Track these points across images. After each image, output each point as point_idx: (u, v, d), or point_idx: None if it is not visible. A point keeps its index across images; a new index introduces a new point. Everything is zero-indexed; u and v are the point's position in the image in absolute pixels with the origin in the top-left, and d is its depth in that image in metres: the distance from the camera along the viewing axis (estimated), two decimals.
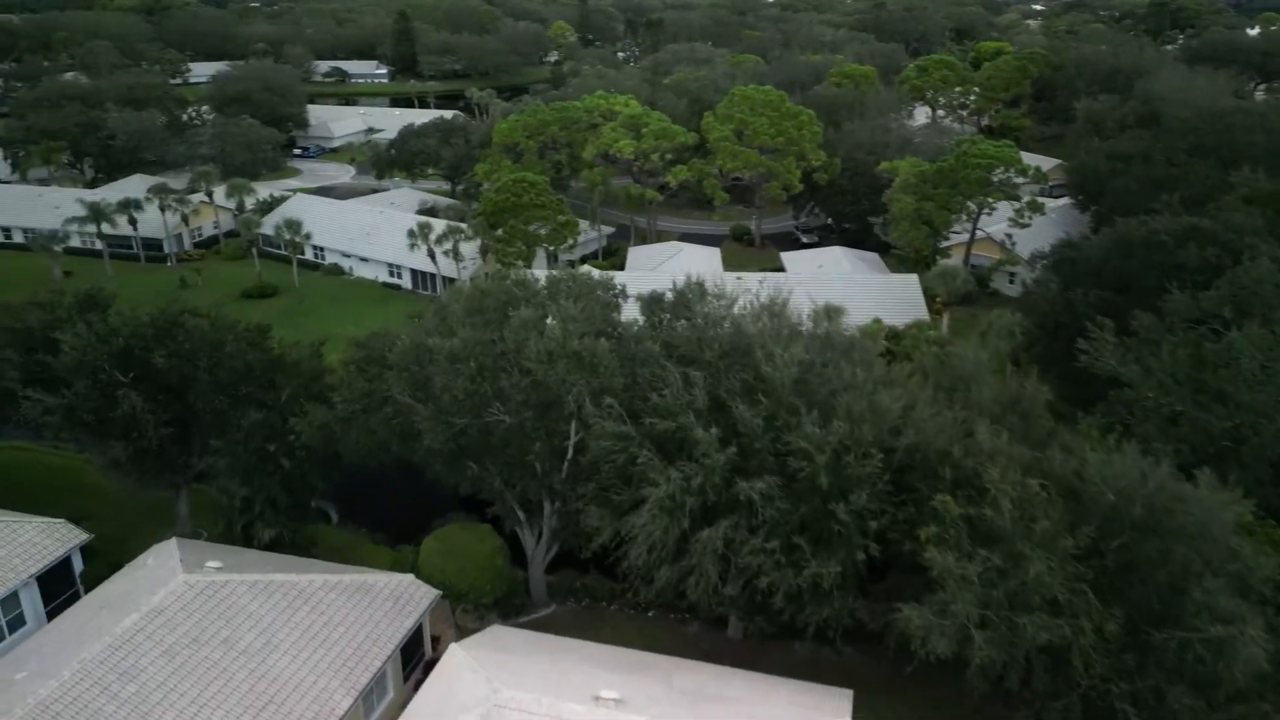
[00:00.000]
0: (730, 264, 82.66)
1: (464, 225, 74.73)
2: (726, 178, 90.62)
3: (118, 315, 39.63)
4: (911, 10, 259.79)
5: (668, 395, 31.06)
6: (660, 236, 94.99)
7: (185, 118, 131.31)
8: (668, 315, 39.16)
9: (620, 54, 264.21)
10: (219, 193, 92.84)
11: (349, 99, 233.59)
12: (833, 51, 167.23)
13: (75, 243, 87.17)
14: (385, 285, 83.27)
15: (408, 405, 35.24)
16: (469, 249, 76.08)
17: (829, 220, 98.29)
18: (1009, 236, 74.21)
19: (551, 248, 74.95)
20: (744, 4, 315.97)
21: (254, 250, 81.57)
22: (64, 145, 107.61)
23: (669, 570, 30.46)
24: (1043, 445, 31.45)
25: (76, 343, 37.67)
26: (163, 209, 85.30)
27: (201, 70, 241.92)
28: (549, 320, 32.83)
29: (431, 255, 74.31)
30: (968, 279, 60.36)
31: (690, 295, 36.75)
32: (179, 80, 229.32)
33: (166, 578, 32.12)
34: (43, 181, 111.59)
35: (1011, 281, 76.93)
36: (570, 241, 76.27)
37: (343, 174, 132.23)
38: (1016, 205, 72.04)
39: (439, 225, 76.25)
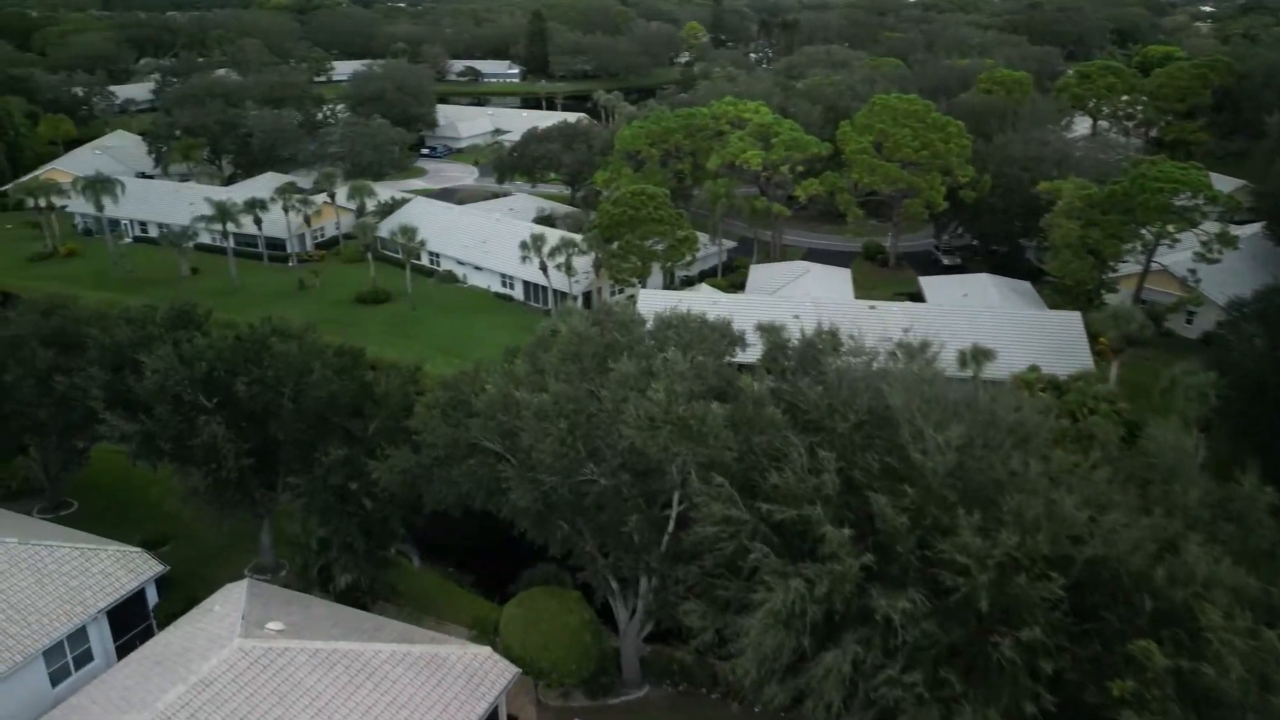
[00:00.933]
0: (861, 287, 76.15)
1: (578, 238, 71.13)
2: (861, 192, 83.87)
3: (204, 337, 37.33)
4: (1066, 11, 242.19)
5: (789, 476, 25.88)
6: (785, 253, 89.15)
7: (320, 116, 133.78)
8: (791, 362, 34.02)
9: (752, 55, 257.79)
10: (341, 194, 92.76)
11: (480, 99, 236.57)
12: (981, 55, 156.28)
13: (205, 239, 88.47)
14: (497, 295, 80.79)
15: (493, 459, 31.39)
16: (582, 263, 72.50)
17: (974, 241, 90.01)
18: (1192, 272, 64.83)
19: (668, 265, 70.39)
20: (884, 4, 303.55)
21: (370, 254, 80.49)
22: (204, 142, 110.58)
23: (781, 687, 25.31)
24: (1268, 567, 24.70)
25: (159, 365, 35.58)
26: (286, 210, 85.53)
27: (344, 68, 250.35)
28: (653, 375, 28.14)
29: (543, 268, 71.07)
30: (1145, 323, 52.23)
31: (821, 346, 31.40)
32: (323, 78, 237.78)
33: (223, 638, 29.26)
34: (183, 177, 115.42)
35: (1189, 322, 67.44)
36: (688, 258, 71.55)
37: (466, 176, 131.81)
38: (1203, 236, 62.69)
39: (553, 237, 72.96)
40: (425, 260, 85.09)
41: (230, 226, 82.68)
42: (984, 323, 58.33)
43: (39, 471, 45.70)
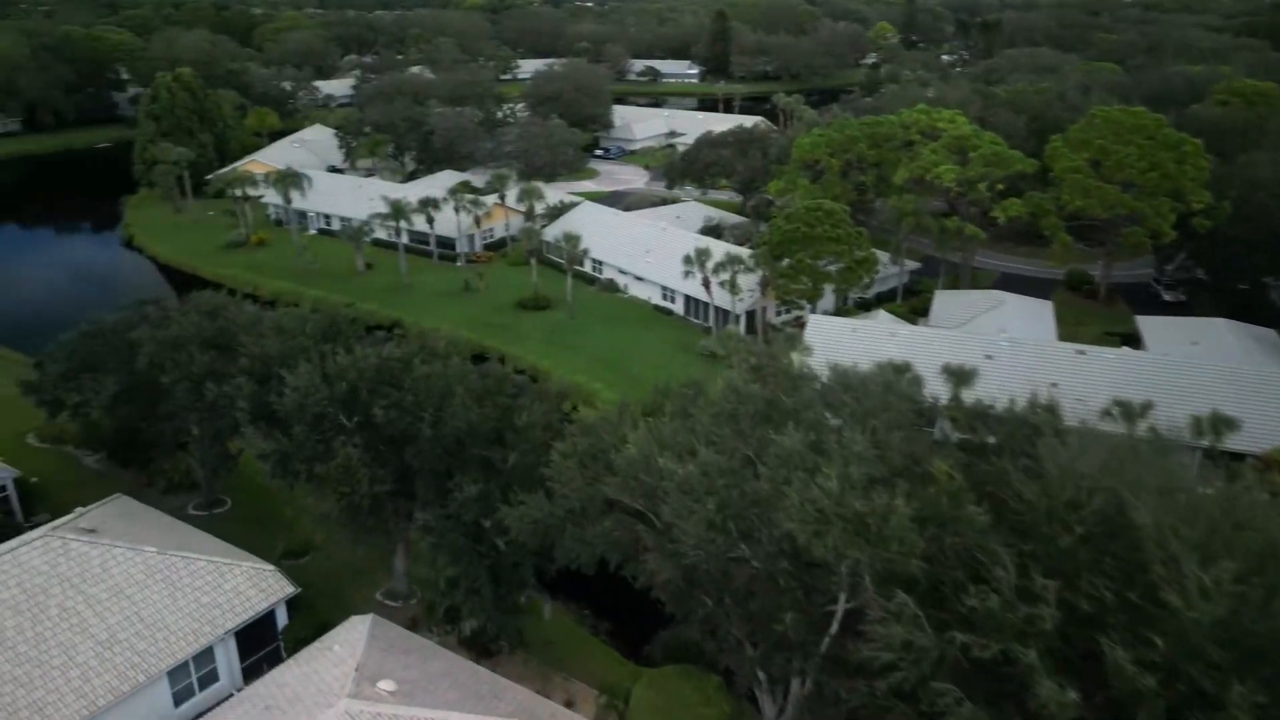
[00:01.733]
0: (1065, 323, 67.42)
1: (744, 254, 66.61)
2: (1070, 215, 74.62)
3: (347, 354, 35.68)
4: None
5: (993, 600, 20.59)
6: (974, 277, 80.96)
7: (499, 115, 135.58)
8: (995, 437, 28.39)
9: (945, 58, 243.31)
10: (512, 195, 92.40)
11: (657, 99, 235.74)
12: (1215, 62, 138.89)
13: (381, 235, 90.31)
14: (657, 308, 77.54)
15: (632, 518, 27.70)
16: (748, 279, 67.94)
17: (1203, 275, 78.50)
18: None
19: (843, 288, 64.67)
20: (1097, 2, 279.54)
21: (534, 260, 79.17)
22: (389, 139, 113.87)
23: None
24: None
25: (299, 383, 34.18)
26: (457, 210, 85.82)
27: (529, 67, 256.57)
28: (824, 453, 23.42)
29: (706, 285, 67.05)
30: None
31: (1040, 425, 25.63)
32: (508, 76, 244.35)
33: (333, 693, 27.08)
34: (368, 172, 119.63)
35: None
36: (866, 280, 65.55)
37: (637, 179, 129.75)
38: None
39: (718, 251, 68.77)
40: (588, 267, 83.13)
41: (404, 224, 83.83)
42: (1219, 384, 49.30)
43: (196, 467, 46.08)
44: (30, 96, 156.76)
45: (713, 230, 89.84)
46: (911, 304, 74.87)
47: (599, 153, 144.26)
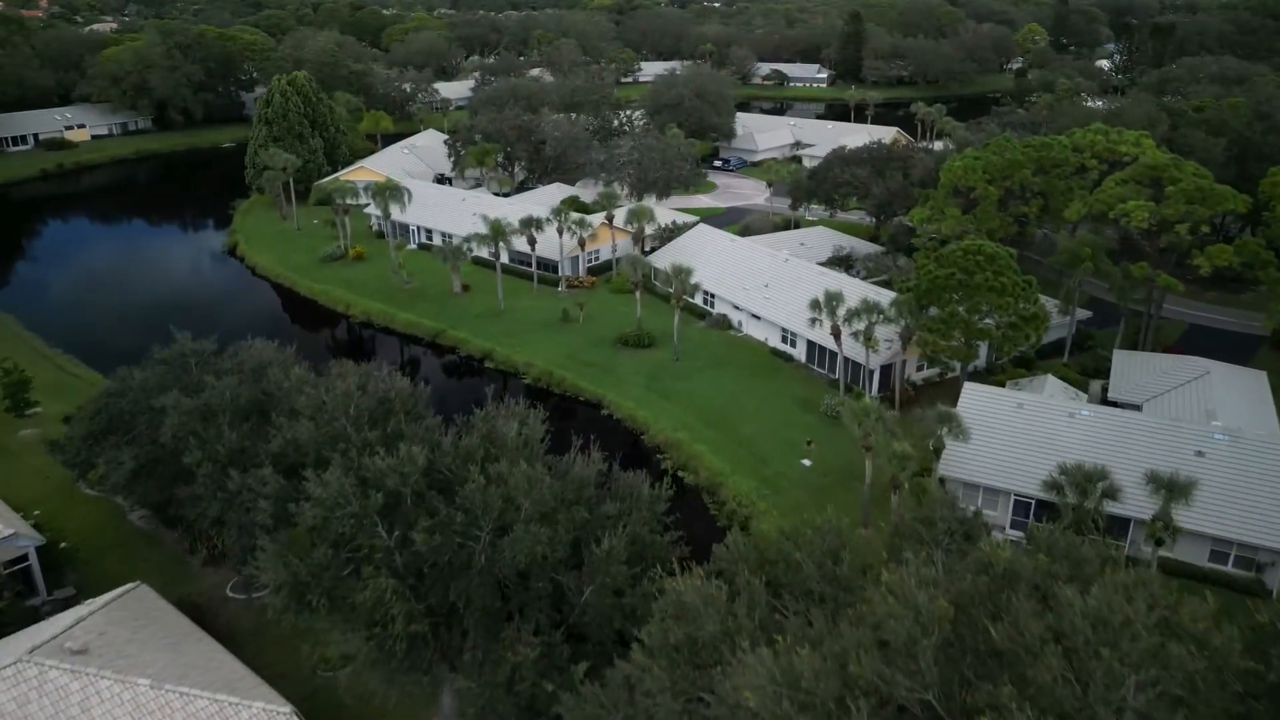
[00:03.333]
0: None
1: (883, 302, 56.60)
2: None
3: (387, 459, 28.23)
4: None
5: None
6: (1158, 331, 68.15)
7: (615, 123, 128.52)
8: None
9: (1102, 63, 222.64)
10: (621, 214, 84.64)
11: (782, 103, 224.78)
12: None
13: (482, 253, 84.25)
14: (774, 352, 68.22)
15: None
16: (886, 329, 57.96)
17: None
18: None
19: (1004, 350, 53.88)
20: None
21: (638, 291, 71.09)
22: (498, 147, 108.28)
23: None
24: None
25: (325, 494, 27.02)
26: (560, 231, 78.81)
27: (650, 69, 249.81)
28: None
29: (835, 335, 57.48)
30: None
31: None
32: (629, 79, 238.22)
33: None
34: (477, 181, 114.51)
35: None
36: (1033, 341, 54.52)
37: (757, 194, 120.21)
38: None
39: (851, 293, 59.01)
40: (698, 298, 74.61)
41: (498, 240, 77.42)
42: None
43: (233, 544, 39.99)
44: (161, 95, 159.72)
45: (842, 261, 79.85)
46: (1081, 362, 63.10)
47: (718, 163, 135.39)
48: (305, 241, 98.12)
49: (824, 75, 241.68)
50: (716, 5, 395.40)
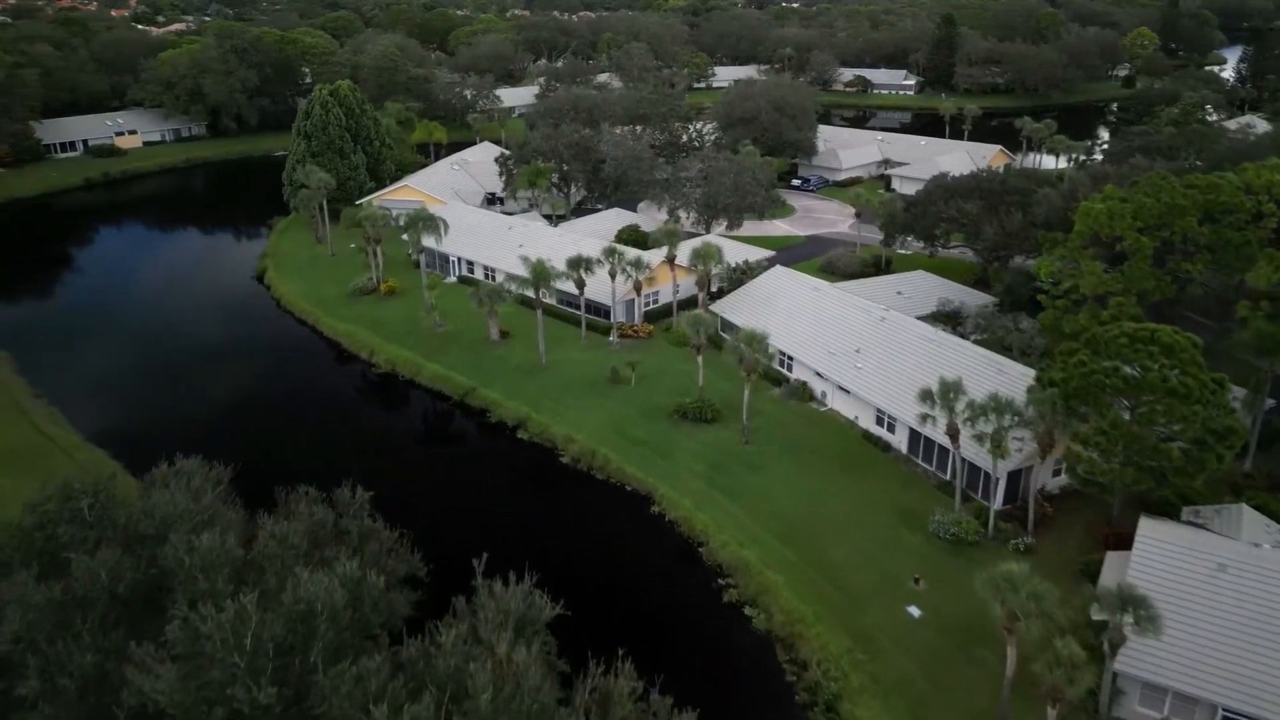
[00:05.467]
0: None
1: (1018, 401, 43.73)
2: None
3: None
4: None
5: None
6: None
7: (684, 138, 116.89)
8: None
9: (1226, 73, 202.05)
10: (684, 252, 72.90)
11: (865, 111, 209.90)
12: None
13: (527, 289, 73.71)
14: (867, 437, 55.71)
15: None
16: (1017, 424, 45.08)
17: None
18: None
19: (1186, 479, 40.35)
20: None
21: (700, 352, 59.25)
22: (552, 168, 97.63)
23: None
24: None
25: None
26: (613, 274, 67.65)
27: (725, 74, 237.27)
28: None
29: (953, 435, 44.92)
30: None
31: None
32: (702, 84, 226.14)
33: None
34: (530, 203, 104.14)
35: None
36: (1225, 462, 40.99)
37: (841, 220, 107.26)
38: None
39: (976, 382, 46.34)
40: (774, 355, 62.46)
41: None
42: None
43: None
44: (214, 101, 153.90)
45: (949, 316, 66.84)
46: (1273, 473, 49.04)
47: (796, 183, 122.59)
48: (338, 270, 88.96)
49: (911, 82, 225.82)
50: (796, 6, 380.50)
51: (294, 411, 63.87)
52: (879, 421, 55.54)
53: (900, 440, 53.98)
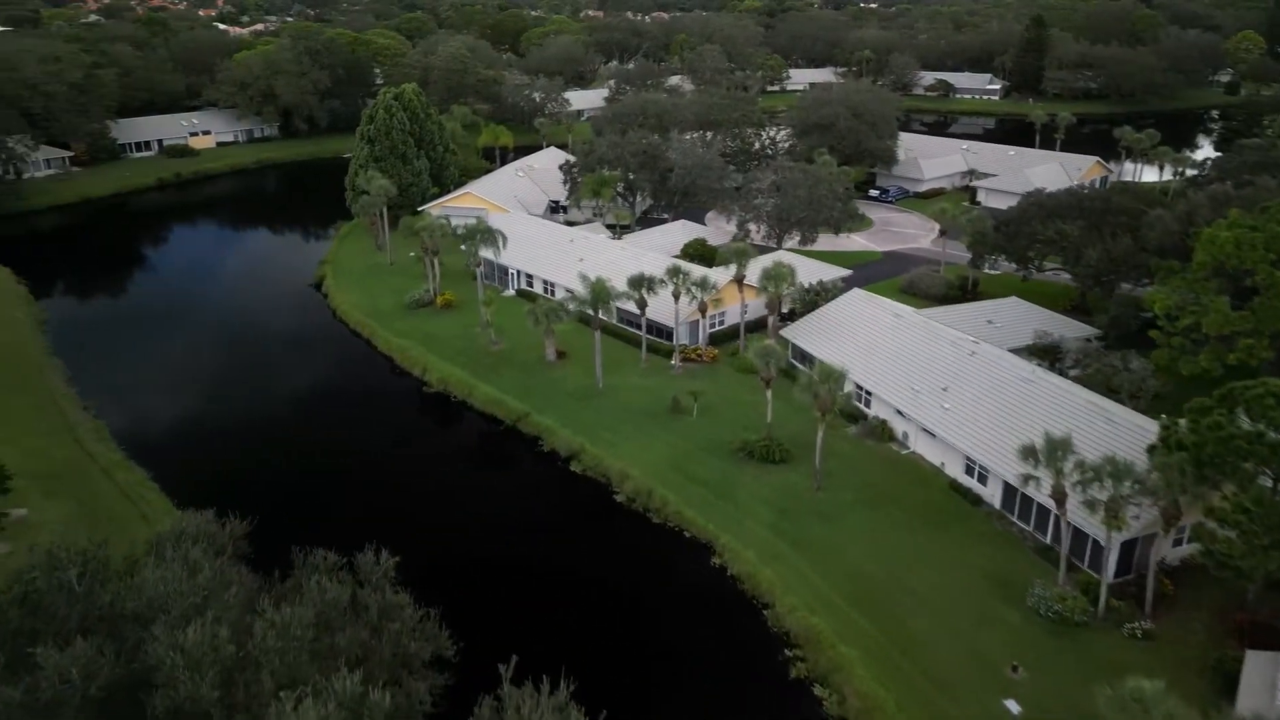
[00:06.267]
0: None
1: (1137, 466, 38.03)
2: None
3: None
4: None
5: None
6: None
7: (756, 146, 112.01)
8: None
9: None
10: (754, 271, 68.18)
11: (947, 116, 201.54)
12: None
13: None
14: (955, 488, 50.27)
15: None
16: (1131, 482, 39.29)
17: None
18: None
19: None
20: None
21: (769, 385, 54.41)
22: (617, 177, 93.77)
23: None
24: None
25: None
26: (676, 296, 63.35)
27: (800, 76, 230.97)
28: None
29: (1059, 500, 39.41)
30: None
31: None
32: (776, 87, 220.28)
33: None
34: (595, 211, 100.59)
35: None
36: None
37: (922, 234, 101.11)
38: None
39: (1090, 440, 40.74)
40: (846, 386, 57.34)
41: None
42: None
43: None
44: (286, 101, 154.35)
45: (1047, 350, 60.73)
46: None
47: (874, 193, 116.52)
48: (396, 280, 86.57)
49: (996, 86, 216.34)
50: (874, 7, 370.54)
51: (339, 435, 61.05)
52: (968, 470, 50.06)
53: (993, 493, 48.44)
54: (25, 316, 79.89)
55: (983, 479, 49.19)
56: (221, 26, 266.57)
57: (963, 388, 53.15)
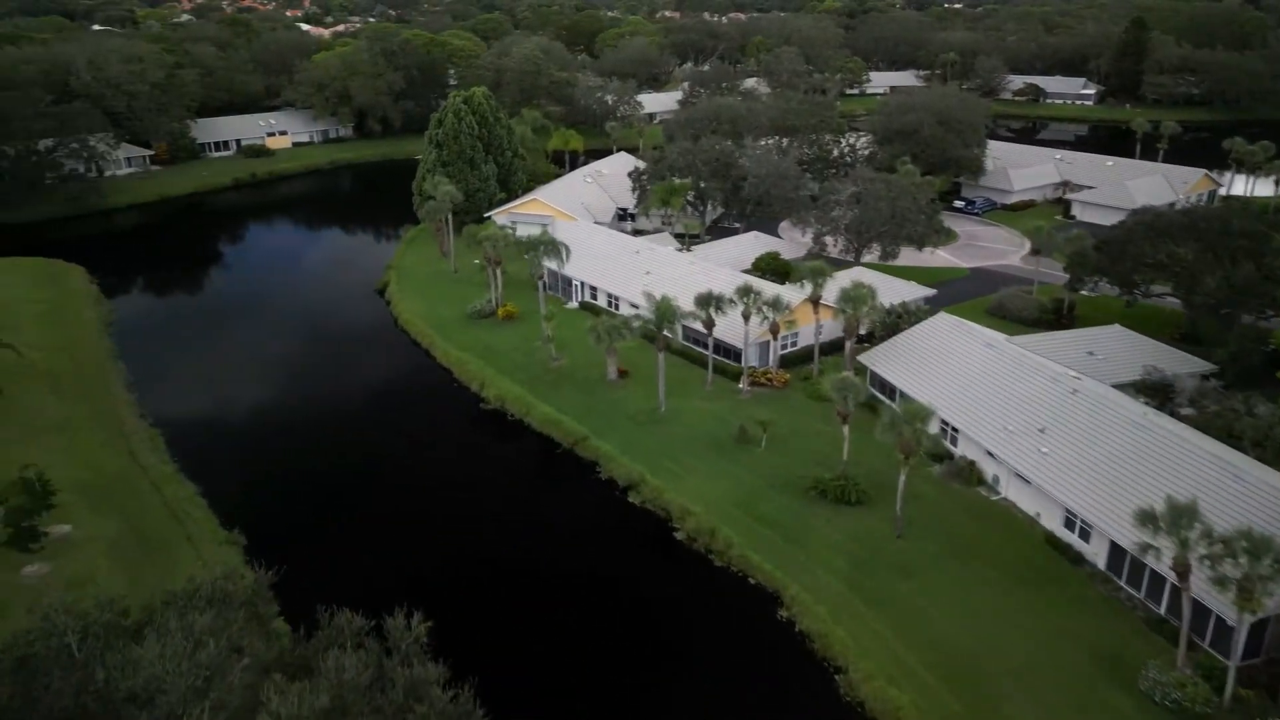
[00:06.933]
0: None
1: (1270, 533, 32.94)
2: None
3: None
4: None
5: None
6: None
7: (835, 153, 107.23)
8: None
9: None
10: (831, 290, 63.81)
11: (1036, 123, 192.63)
12: None
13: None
14: (1052, 542, 45.35)
15: None
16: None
17: None
18: None
19: None
20: None
21: (846, 423, 50.13)
22: (687, 185, 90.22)
23: None
24: None
25: None
26: (746, 316, 59.54)
27: (880, 79, 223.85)
28: None
29: (1182, 573, 34.52)
30: None
31: None
32: (855, 90, 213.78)
33: None
34: (664, 219, 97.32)
35: None
36: None
37: (1012, 251, 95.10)
38: None
39: (1210, 486, 35.72)
40: (932, 424, 52.66)
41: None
42: None
43: None
44: (360, 103, 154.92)
45: (1157, 389, 55.02)
46: None
47: (958, 204, 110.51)
48: (459, 289, 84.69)
49: (1090, 91, 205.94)
50: (958, 7, 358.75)
51: (389, 452, 58.93)
52: (1068, 524, 45.12)
53: (1098, 552, 43.45)
54: (95, 317, 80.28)
55: (1085, 535, 44.21)
56: (305, 27, 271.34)
57: (1063, 429, 48.15)
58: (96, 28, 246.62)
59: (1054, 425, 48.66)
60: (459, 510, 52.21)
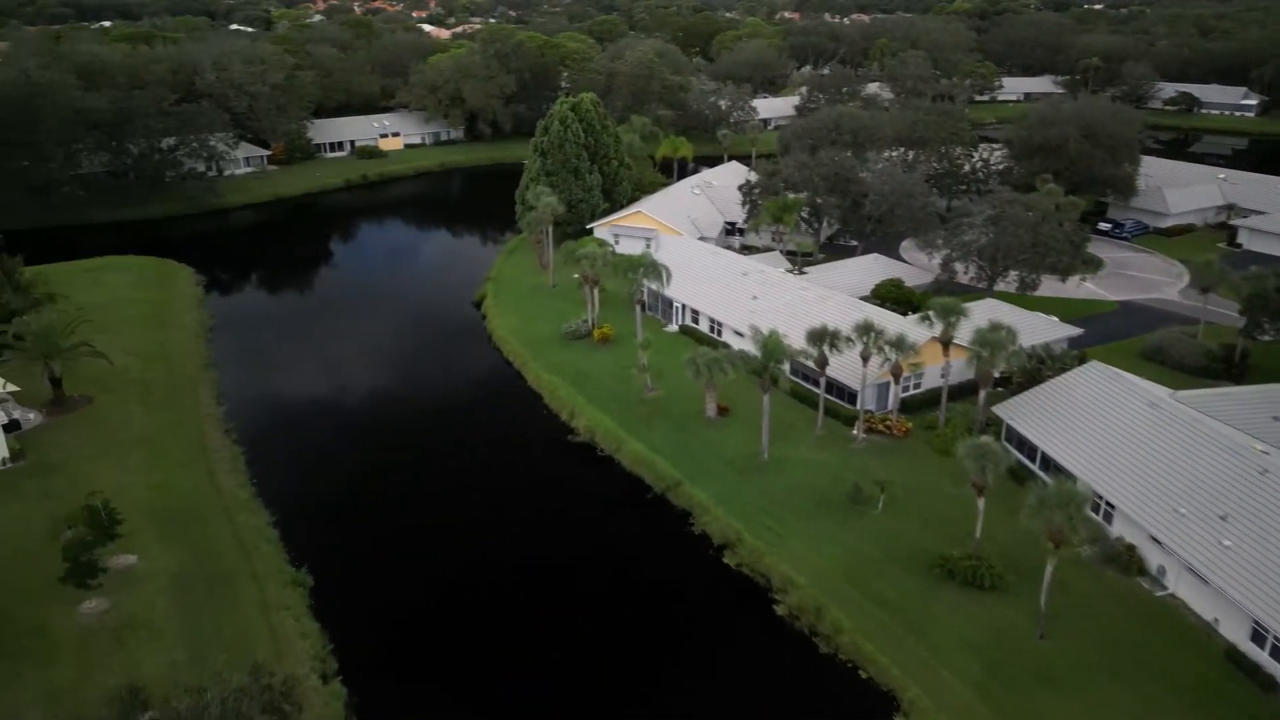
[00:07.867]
0: None
1: None
2: None
3: None
4: None
5: None
6: None
7: (966, 168, 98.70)
8: None
9: None
10: (965, 329, 56.58)
11: (1189, 135, 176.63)
12: None
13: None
14: (1233, 658, 37.42)
15: None
16: None
17: None
18: None
19: None
20: None
21: (982, 496, 43.29)
22: (802, 200, 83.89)
23: None
24: None
25: None
26: (865, 357, 53.19)
27: (1012, 85, 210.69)
28: None
29: None
30: None
31: None
32: (985, 97, 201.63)
33: None
34: (775, 235, 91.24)
35: None
36: None
37: (1167, 282, 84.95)
38: None
39: None
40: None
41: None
42: None
43: None
44: (472, 105, 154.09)
45: None
46: None
47: (1104, 226, 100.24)
48: (556, 304, 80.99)
49: (1252, 102, 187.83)
50: (1100, 8, 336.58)
51: (469, 487, 55.18)
52: (1256, 638, 37.24)
53: (1257, 651, 35.53)
54: (194, 321, 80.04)
55: (1275, 652, 36.30)
56: (427, 29, 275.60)
57: (1251, 519, 40.13)
58: (234, 27, 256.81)
59: (1239, 512, 40.65)
60: (534, 562, 47.81)
